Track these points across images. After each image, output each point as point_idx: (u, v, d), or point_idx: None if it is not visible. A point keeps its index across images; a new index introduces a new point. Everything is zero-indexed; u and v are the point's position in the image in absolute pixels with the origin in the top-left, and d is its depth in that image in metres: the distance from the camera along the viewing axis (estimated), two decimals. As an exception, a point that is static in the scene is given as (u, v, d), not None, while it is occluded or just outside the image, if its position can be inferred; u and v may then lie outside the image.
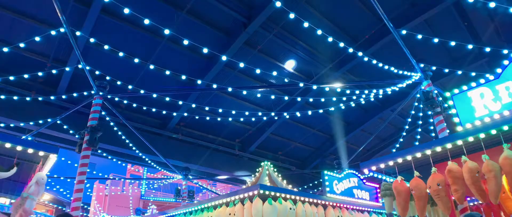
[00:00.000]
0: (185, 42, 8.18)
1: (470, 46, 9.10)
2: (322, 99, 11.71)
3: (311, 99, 12.75)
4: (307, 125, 18.17)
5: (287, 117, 14.56)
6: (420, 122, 11.20)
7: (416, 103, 9.60)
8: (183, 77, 9.94)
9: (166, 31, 8.09)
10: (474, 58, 12.50)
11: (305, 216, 7.11)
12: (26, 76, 9.65)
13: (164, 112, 11.87)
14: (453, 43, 9.04)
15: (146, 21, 7.80)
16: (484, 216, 9.45)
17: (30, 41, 8.46)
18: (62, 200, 30.51)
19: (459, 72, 10.22)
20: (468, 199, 7.96)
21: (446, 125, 7.84)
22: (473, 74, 9.39)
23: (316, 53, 13.45)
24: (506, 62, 5.34)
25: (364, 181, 10.44)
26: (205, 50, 8.62)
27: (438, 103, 7.66)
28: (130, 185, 27.31)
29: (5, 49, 8.40)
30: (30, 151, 5.54)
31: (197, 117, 13.60)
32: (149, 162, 15.13)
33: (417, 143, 11.97)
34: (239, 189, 7.63)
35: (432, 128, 9.67)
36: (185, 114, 13.45)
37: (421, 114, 9.96)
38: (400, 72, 9.59)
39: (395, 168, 5.82)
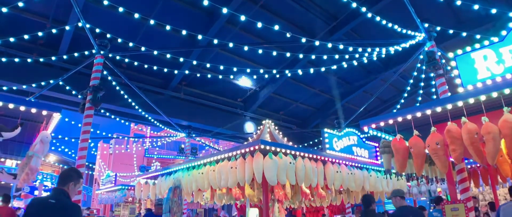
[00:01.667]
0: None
1: (476, 7, 8.85)
2: (325, 57, 11.58)
3: (313, 57, 12.60)
4: (309, 85, 18.16)
5: (289, 75, 14.48)
6: (422, 84, 11.14)
7: (418, 65, 9.51)
8: (184, 32, 9.80)
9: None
10: (480, 21, 12.21)
11: (304, 171, 7.33)
12: (26, 37, 9.52)
13: (165, 70, 11.82)
14: (458, 2, 8.81)
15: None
16: (481, 178, 9.71)
17: (28, 1, 8.28)
18: (67, 160, 31.31)
19: (464, 34, 10.00)
20: (466, 161, 8.13)
21: (448, 88, 7.80)
22: (478, 36, 9.18)
23: (320, 10, 13.16)
24: (511, 24, 5.25)
25: (364, 139, 10.61)
26: (206, 2, 8.43)
27: (441, 65, 7.59)
28: (134, 144, 27.83)
29: (4, 10, 8.24)
30: (33, 110, 5.61)
31: (198, 75, 13.55)
32: (152, 120, 15.31)
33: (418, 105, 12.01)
34: (240, 145, 7.81)
35: (433, 90, 9.64)
36: (187, 72, 13.38)
37: (423, 76, 9.89)
38: (404, 31, 9.43)
39: (395, 126, 5.89)
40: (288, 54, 11.88)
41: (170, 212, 3.99)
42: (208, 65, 12.17)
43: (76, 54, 10.48)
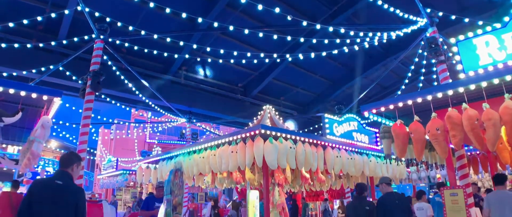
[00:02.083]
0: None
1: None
2: (326, 41, 11.47)
3: (314, 41, 12.47)
4: (310, 71, 18.09)
5: (290, 59, 14.37)
6: (423, 70, 11.06)
7: (420, 51, 9.43)
8: (184, 15, 9.71)
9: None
10: (483, 7, 12.06)
11: (304, 155, 7.37)
12: (25, 22, 9.44)
13: (165, 54, 11.76)
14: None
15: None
16: (481, 166, 9.77)
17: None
18: (69, 146, 31.39)
19: (466, 20, 9.89)
20: (466, 148, 8.15)
21: (449, 75, 7.75)
22: (480, 23, 9.07)
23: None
24: (514, 10, 5.19)
25: (364, 125, 10.63)
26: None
27: (443, 51, 7.52)
28: (135, 129, 27.90)
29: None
30: (34, 95, 5.58)
31: (198, 59, 13.45)
32: (153, 106, 15.31)
33: (418, 92, 11.92)
34: (241, 129, 7.84)
35: (435, 76, 9.60)
36: (187, 56, 13.29)
37: (424, 62, 9.82)
38: (406, 16, 9.34)
39: (395, 112, 5.89)
40: (289, 38, 11.80)
41: (171, 194, 4.02)
42: (208, 49, 12.08)
43: (75, 39, 10.40)
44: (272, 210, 8.65)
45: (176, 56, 12.84)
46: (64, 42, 11.19)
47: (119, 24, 9.58)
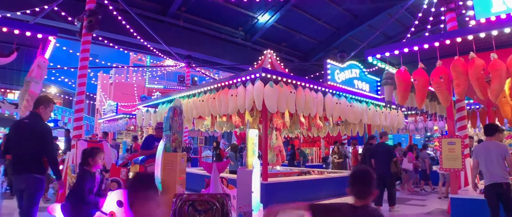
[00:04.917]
0: None
1: None
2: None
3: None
4: (314, 16, 17.53)
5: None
6: (431, 18, 10.69)
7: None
8: None
9: None
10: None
11: (304, 101, 7.38)
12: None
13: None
14: None
15: None
16: (479, 120, 9.85)
17: None
18: (68, 91, 31.38)
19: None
20: (467, 102, 8.10)
21: (457, 25, 7.48)
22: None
23: None
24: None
25: (366, 73, 10.52)
26: None
27: (453, -2, 7.19)
28: (134, 74, 27.71)
29: None
30: (28, 33, 5.42)
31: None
32: (152, 48, 15.04)
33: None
34: (241, 72, 7.78)
35: (442, 26, 9.26)
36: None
37: (433, 9, 9.43)
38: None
39: (400, 58, 5.75)
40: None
41: (171, 130, 4.03)
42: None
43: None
44: (270, 152, 8.85)
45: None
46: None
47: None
